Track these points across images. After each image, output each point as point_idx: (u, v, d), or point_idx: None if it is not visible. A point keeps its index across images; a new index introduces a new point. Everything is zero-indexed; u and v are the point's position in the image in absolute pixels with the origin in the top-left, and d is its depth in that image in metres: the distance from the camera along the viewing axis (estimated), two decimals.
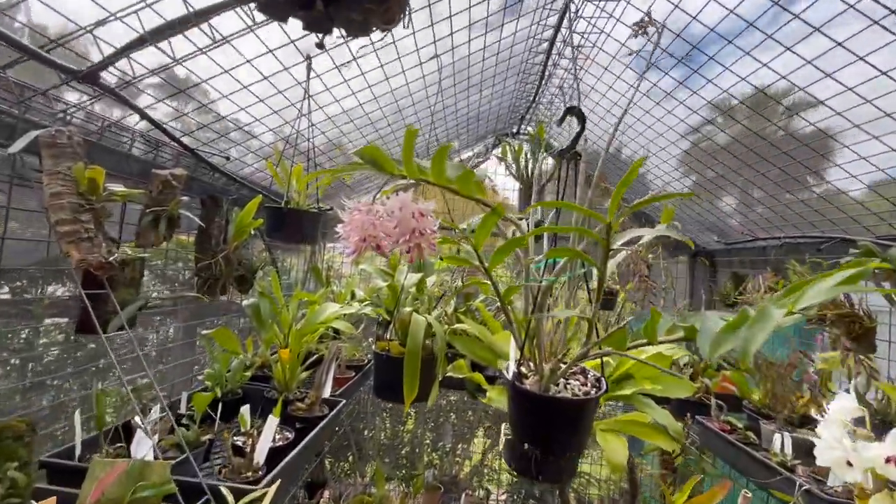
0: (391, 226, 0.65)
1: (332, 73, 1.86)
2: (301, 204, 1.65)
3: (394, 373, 1.79)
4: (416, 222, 0.63)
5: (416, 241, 0.64)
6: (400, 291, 2.00)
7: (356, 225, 0.65)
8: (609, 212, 0.69)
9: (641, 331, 0.84)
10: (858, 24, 1.51)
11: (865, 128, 1.79)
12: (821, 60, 1.69)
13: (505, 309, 1.03)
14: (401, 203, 0.64)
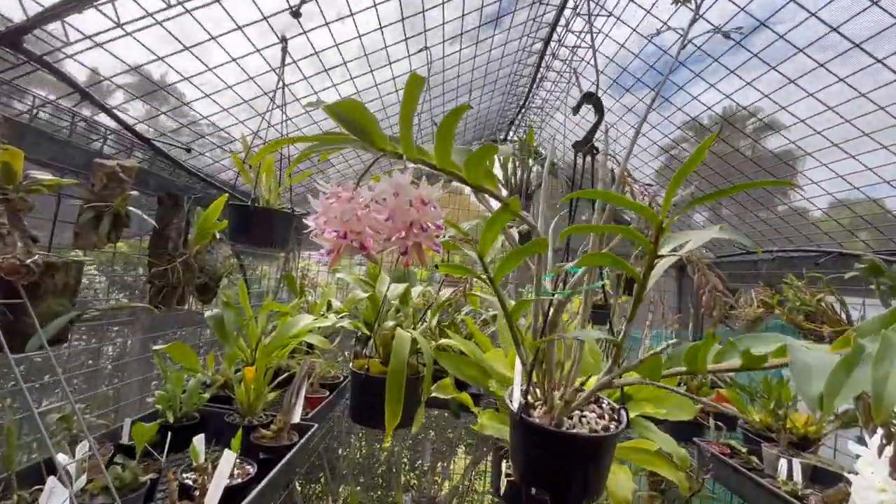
0: (381, 218, 0.48)
1: (312, 60, 1.69)
2: (272, 203, 1.46)
3: (374, 394, 1.60)
4: (415, 213, 0.46)
5: (415, 240, 0.47)
6: (381, 303, 1.82)
7: (334, 216, 0.48)
8: (662, 208, 0.53)
9: (682, 357, 0.69)
10: (809, 64, 1.61)
11: (816, 155, 1.94)
12: (780, 93, 1.81)
13: (513, 328, 0.86)
14: (396, 187, 0.47)
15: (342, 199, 0.49)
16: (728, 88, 1.94)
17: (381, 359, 1.68)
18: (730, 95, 1.96)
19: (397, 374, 1.39)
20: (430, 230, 0.47)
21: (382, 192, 0.48)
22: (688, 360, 0.69)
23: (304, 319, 2.17)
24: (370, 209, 0.48)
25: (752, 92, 1.87)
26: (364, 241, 0.49)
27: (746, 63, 1.78)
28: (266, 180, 1.46)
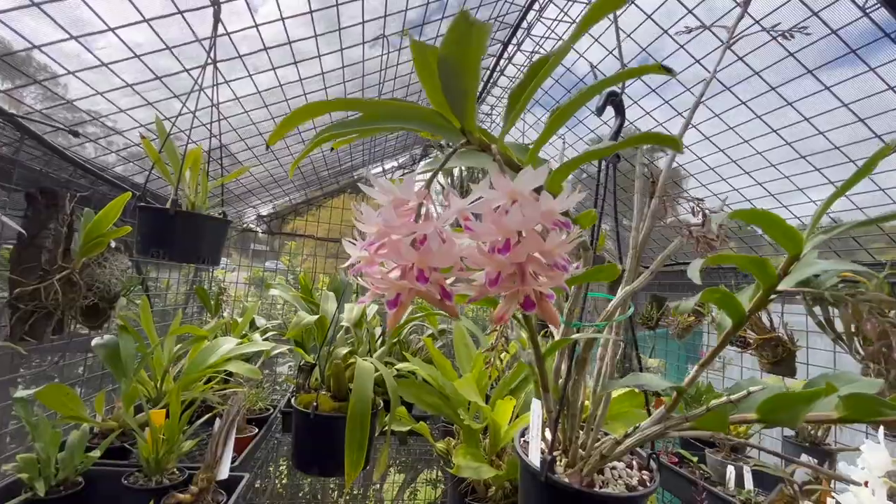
0: (475, 252, 0.29)
1: (251, 36, 1.40)
2: (199, 206, 1.14)
3: (326, 437, 1.34)
4: (537, 240, 0.28)
5: (537, 286, 0.29)
6: (329, 326, 1.55)
7: (394, 250, 0.28)
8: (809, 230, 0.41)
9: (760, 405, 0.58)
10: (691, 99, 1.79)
11: (698, 176, 2.26)
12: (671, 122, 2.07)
13: (543, 371, 0.70)
14: (511, 192, 0.28)
15: (405, 220, 0.29)
16: (633, 115, 2.16)
17: (333, 393, 1.42)
18: (633, 122, 2.19)
19: (360, 414, 1.16)
20: (557, 269, 0.29)
21: (487, 202, 0.28)
22: (769, 410, 0.58)
23: (226, 344, 1.83)
24: (453, 236, 0.29)
25: (650, 121, 2.11)
26: (441, 284, 0.29)
27: (647, 95, 2.01)
28: (191, 177, 1.14)
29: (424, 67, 0.27)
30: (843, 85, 1.44)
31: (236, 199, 2.63)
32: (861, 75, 1.36)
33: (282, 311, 3.41)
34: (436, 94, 0.28)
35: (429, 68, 0.27)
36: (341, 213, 3.51)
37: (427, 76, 0.27)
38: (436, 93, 0.28)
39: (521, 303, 0.29)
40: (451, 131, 0.33)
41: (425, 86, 0.28)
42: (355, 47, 1.68)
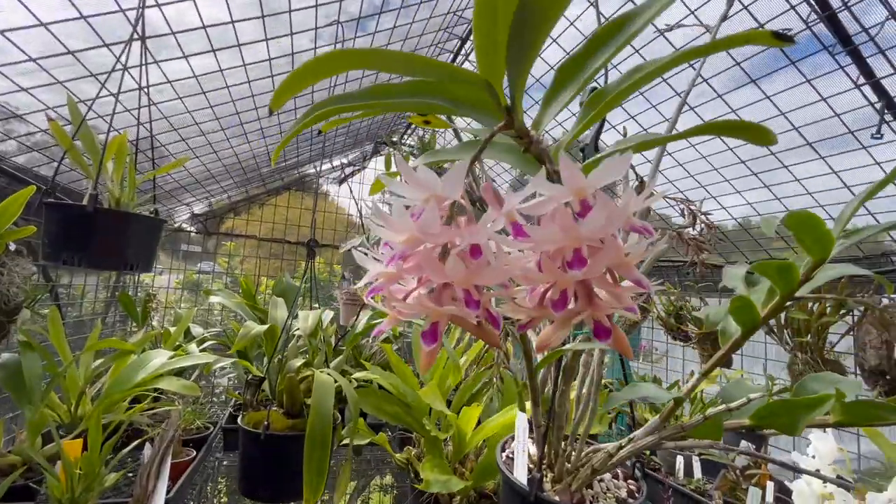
0: (531, 261, 0.22)
1: (187, 11, 1.24)
2: (126, 203, 0.96)
3: (279, 460, 1.21)
4: (617, 252, 0.22)
5: (602, 310, 0.23)
6: (280, 335, 1.42)
7: (432, 265, 0.20)
8: (836, 228, 0.38)
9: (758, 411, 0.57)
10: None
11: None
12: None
13: (535, 384, 0.65)
14: (579, 189, 0.22)
15: (443, 212, 0.22)
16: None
17: (287, 409, 1.29)
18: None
19: (320, 432, 1.05)
20: (624, 293, 0.23)
21: (545, 199, 0.22)
22: (764, 416, 0.56)
23: (157, 358, 1.64)
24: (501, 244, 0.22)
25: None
26: (488, 306, 0.23)
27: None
28: (115, 169, 0.97)
29: (490, 10, 0.20)
30: (782, 95, 1.54)
31: (166, 196, 2.37)
32: (799, 86, 1.45)
33: (220, 317, 3.14)
34: (491, 55, 0.22)
35: (495, 12, 0.19)
36: (286, 212, 3.30)
37: (488, 24, 0.20)
38: (493, 52, 0.21)
39: (594, 331, 0.23)
40: (488, 110, 0.26)
41: (481, 39, 0.21)
42: (306, 32, 1.55)
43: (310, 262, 1.57)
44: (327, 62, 0.21)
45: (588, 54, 0.24)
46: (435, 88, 0.26)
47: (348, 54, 0.21)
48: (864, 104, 1.36)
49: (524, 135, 0.28)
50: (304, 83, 0.22)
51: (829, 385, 0.61)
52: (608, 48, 0.23)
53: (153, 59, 1.32)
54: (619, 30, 0.22)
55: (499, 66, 0.22)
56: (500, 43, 0.21)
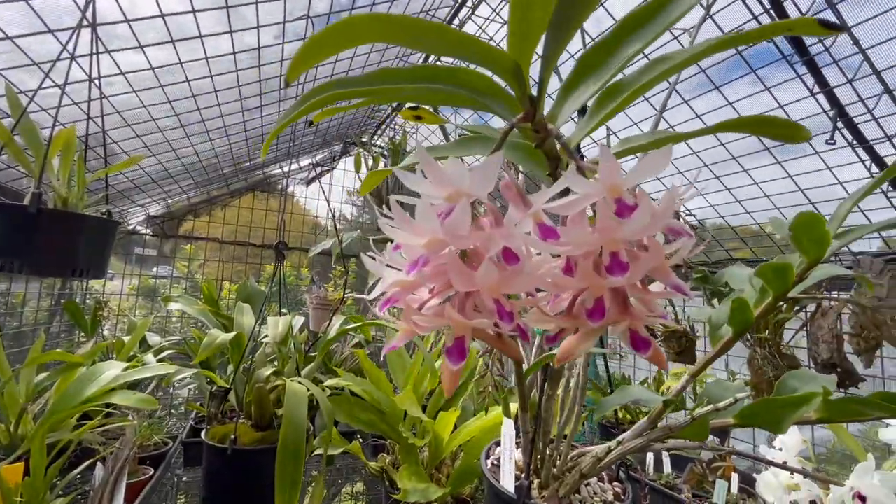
0: (559, 265, 0.20)
1: None
2: (74, 203, 0.87)
3: (248, 475, 1.14)
4: (658, 254, 0.20)
5: (643, 318, 0.21)
6: (246, 344, 1.34)
7: (461, 272, 0.18)
8: (831, 228, 0.39)
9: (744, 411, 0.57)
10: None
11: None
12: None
13: (522, 389, 0.63)
14: (615, 187, 0.20)
15: (484, 228, 0.19)
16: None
17: (255, 421, 1.22)
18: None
19: (293, 445, 1.00)
20: (655, 295, 0.22)
21: (579, 198, 0.20)
22: (749, 415, 0.57)
23: (109, 370, 1.53)
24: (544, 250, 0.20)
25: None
26: (514, 316, 0.20)
27: None
28: (61, 166, 0.87)
29: None
30: (743, 101, 1.60)
31: (119, 197, 2.22)
32: (760, 93, 1.51)
33: (178, 324, 2.98)
34: (526, 37, 0.19)
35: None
36: (250, 214, 3.17)
37: (526, 2, 0.18)
38: (528, 33, 0.19)
39: (631, 340, 0.21)
40: (505, 102, 0.24)
41: (518, 15, 0.18)
42: (274, 26, 1.49)
43: (278, 265, 1.51)
44: (353, 27, 0.18)
45: (618, 40, 0.22)
46: (449, 74, 0.23)
47: (378, 19, 0.18)
48: (818, 111, 1.43)
49: (542, 129, 0.25)
50: (324, 52, 0.19)
51: (808, 382, 0.62)
52: (640, 36, 0.21)
53: (105, 49, 1.22)
54: (654, 15, 0.21)
55: (530, 48, 0.20)
56: (538, 21, 0.19)
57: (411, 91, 0.22)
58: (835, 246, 0.42)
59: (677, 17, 0.20)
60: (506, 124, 0.24)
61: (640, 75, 0.25)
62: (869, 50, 1.22)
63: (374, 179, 0.36)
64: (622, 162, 0.37)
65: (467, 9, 1.80)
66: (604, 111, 0.27)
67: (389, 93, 0.23)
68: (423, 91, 0.22)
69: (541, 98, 0.23)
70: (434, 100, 0.24)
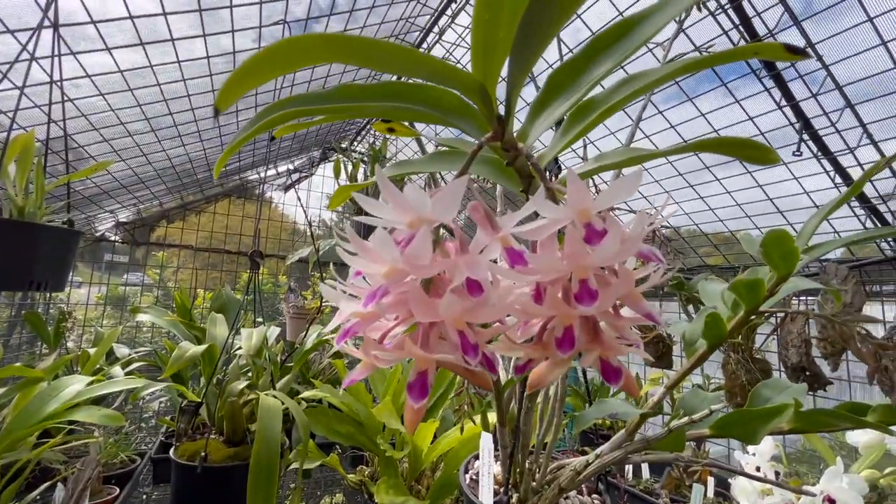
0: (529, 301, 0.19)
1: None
2: (31, 212, 0.82)
3: (218, 495, 1.10)
4: (630, 283, 0.19)
5: (616, 347, 0.20)
6: (219, 356, 1.30)
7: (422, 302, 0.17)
8: (799, 243, 0.39)
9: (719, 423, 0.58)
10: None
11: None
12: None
13: (501, 403, 0.62)
14: (584, 211, 0.19)
15: (446, 245, 0.18)
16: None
17: (227, 437, 1.18)
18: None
19: (266, 462, 0.97)
20: (626, 321, 0.21)
21: (548, 223, 0.19)
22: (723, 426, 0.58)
23: (72, 385, 1.47)
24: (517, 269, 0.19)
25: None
26: (483, 348, 0.19)
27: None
28: (18, 173, 0.83)
29: (494, 6, 0.16)
30: (715, 113, 1.65)
31: (86, 203, 2.14)
32: (730, 105, 1.56)
33: (149, 334, 2.88)
34: (490, 56, 0.18)
35: (503, 4, 0.16)
36: (226, 220, 3.10)
37: (492, 15, 0.17)
38: (492, 52, 0.18)
39: (602, 370, 0.20)
40: (474, 118, 0.23)
41: (480, 35, 0.18)
42: (249, 31, 1.46)
43: (254, 274, 1.47)
44: (299, 48, 0.17)
45: (588, 60, 0.22)
46: (415, 92, 0.22)
47: (331, 41, 0.16)
48: (785, 124, 1.48)
49: (512, 147, 0.25)
50: (263, 75, 0.18)
51: (780, 392, 0.64)
52: (610, 56, 0.21)
53: (69, 50, 1.18)
54: (625, 33, 0.20)
55: (495, 69, 0.19)
56: (501, 41, 0.18)
57: (376, 109, 0.21)
58: (804, 260, 0.42)
59: (648, 37, 0.20)
60: (475, 144, 0.23)
61: (612, 93, 0.25)
62: (832, 66, 1.27)
63: (344, 195, 0.35)
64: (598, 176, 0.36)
65: (434, 34, 1.81)
66: (576, 129, 0.26)
67: (352, 110, 0.22)
68: (389, 109, 0.21)
69: (509, 117, 0.22)
70: (402, 117, 0.23)
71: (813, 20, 1.26)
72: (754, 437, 0.56)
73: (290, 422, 1.58)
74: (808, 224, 0.41)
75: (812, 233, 0.41)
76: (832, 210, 0.40)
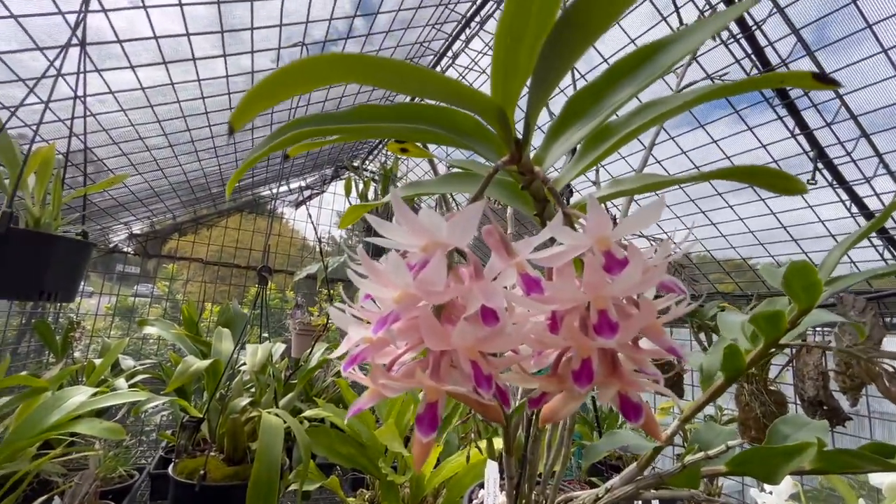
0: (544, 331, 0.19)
1: (136, 19, 1.15)
2: (47, 223, 0.84)
3: None
4: (652, 315, 0.19)
5: (634, 381, 0.19)
6: (223, 372, 1.29)
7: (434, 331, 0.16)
8: (821, 275, 0.38)
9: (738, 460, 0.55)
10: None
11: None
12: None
13: (507, 431, 0.60)
14: (603, 239, 0.18)
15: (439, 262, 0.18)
16: None
17: (227, 454, 1.16)
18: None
19: (266, 483, 0.95)
20: (647, 353, 0.20)
21: (565, 250, 0.18)
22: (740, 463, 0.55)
23: (76, 396, 1.46)
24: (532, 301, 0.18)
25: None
26: (497, 379, 0.18)
27: None
28: (37, 184, 0.85)
29: (520, 22, 0.16)
30: (727, 140, 1.64)
31: (101, 214, 2.18)
32: (742, 132, 1.55)
33: (156, 346, 2.88)
34: (511, 79, 0.18)
35: (526, 25, 0.16)
36: (237, 234, 3.13)
37: (514, 40, 0.16)
38: (513, 76, 0.18)
39: (620, 406, 0.19)
40: (489, 143, 0.22)
41: (501, 57, 0.17)
42: (268, 52, 1.50)
43: (261, 289, 1.47)
44: (317, 68, 0.16)
45: (608, 85, 0.21)
46: (433, 114, 0.22)
47: (349, 60, 0.16)
48: (799, 152, 1.47)
49: (528, 171, 0.24)
50: (277, 95, 0.17)
51: (799, 429, 0.61)
52: (630, 83, 0.20)
53: (94, 68, 1.21)
54: (649, 59, 0.20)
55: (515, 92, 0.19)
56: (522, 66, 0.18)
57: (390, 130, 0.21)
58: (826, 293, 0.41)
59: (669, 66, 0.19)
60: (491, 167, 0.23)
61: (629, 119, 0.24)
62: (847, 95, 1.27)
63: (355, 214, 0.34)
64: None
65: (448, 58, 1.85)
66: (592, 155, 0.26)
67: (368, 131, 0.22)
68: (404, 130, 0.21)
69: (526, 142, 0.22)
70: (416, 138, 0.23)
71: (825, 50, 1.26)
72: (774, 477, 0.53)
73: (292, 441, 1.56)
74: (830, 256, 0.40)
75: (834, 265, 0.40)
76: (854, 243, 0.38)
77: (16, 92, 1.24)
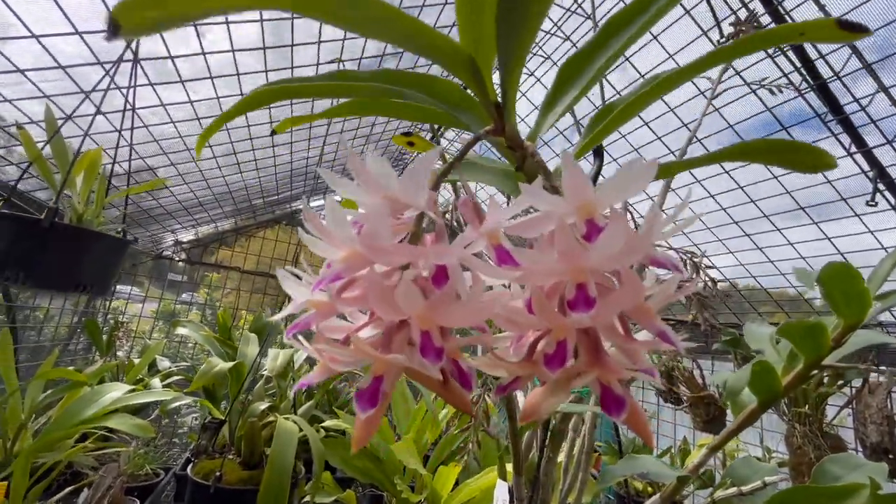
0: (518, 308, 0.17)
1: (186, 37, 1.23)
2: (89, 220, 0.89)
3: None
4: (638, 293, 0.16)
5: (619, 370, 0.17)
6: (247, 375, 1.30)
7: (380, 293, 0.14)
8: (871, 287, 0.33)
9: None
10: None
11: None
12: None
13: (517, 448, 0.56)
14: (586, 206, 0.16)
15: (403, 225, 0.16)
16: None
17: (244, 458, 1.16)
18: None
19: (277, 488, 0.93)
20: (640, 345, 0.17)
21: (542, 216, 0.16)
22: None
23: (112, 392, 1.52)
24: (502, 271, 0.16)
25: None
26: (456, 357, 0.16)
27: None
28: (83, 184, 0.91)
29: None
30: None
31: (152, 221, 2.31)
32: None
33: (192, 351, 2.98)
34: (479, 15, 0.16)
35: None
36: (274, 246, 3.23)
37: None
38: (477, 23, 0.16)
39: (601, 398, 0.16)
40: (473, 111, 0.21)
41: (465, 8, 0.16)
42: (307, 68, 1.56)
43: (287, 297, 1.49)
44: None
45: (598, 46, 0.19)
46: (412, 79, 0.21)
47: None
48: (856, 172, 1.36)
49: (517, 145, 0.22)
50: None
51: (852, 470, 0.54)
52: (621, 37, 0.19)
53: (148, 81, 1.30)
54: (639, 13, 0.18)
55: (487, 35, 0.17)
56: (483, 6, 0.16)
57: (362, 89, 0.20)
58: (877, 308, 0.36)
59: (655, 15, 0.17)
60: (473, 136, 0.21)
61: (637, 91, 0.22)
62: None
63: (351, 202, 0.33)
64: None
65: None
66: (596, 128, 0.24)
67: (339, 89, 0.21)
68: (378, 90, 0.20)
69: (507, 107, 0.20)
70: (396, 107, 0.22)
71: (886, 64, 1.18)
72: None
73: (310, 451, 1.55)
74: (881, 267, 0.35)
75: (885, 277, 0.35)
76: None
77: (74, 103, 1.34)
